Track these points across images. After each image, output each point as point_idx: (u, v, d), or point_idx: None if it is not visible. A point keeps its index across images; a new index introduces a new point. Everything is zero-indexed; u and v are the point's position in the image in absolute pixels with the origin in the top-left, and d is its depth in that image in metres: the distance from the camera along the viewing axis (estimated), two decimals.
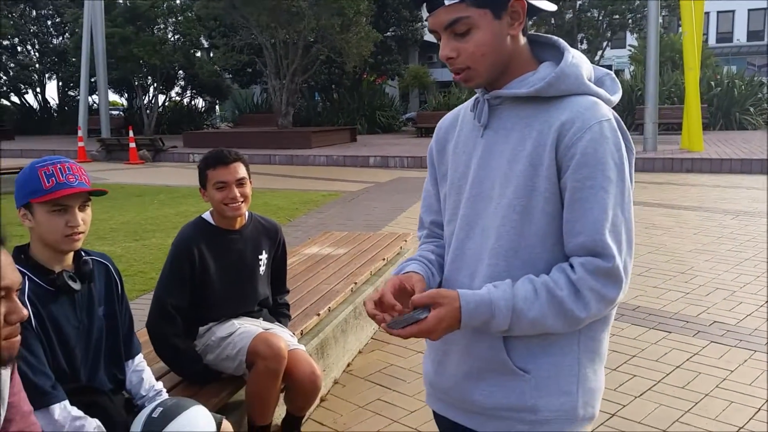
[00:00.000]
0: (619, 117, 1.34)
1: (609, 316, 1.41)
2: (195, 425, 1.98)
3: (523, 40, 1.36)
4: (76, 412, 1.84)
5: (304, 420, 3.01)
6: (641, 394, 3.42)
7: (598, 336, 1.38)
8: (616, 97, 1.38)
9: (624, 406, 3.30)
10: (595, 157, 1.26)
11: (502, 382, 1.35)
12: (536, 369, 1.33)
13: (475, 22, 1.28)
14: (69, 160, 1.94)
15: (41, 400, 1.76)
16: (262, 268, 2.82)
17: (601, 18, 24.32)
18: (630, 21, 24.66)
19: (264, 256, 2.83)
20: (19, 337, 1.33)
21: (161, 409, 1.99)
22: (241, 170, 2.63)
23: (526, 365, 1.34)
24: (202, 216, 2.74)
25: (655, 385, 3.53)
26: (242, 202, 2.62)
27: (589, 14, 24.53)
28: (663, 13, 25.54)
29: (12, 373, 1.50)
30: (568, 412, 1.35)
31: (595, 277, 1.26)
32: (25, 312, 1.33)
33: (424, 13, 1.34)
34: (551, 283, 1.27)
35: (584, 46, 24.93)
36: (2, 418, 1.45)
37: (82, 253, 2.00)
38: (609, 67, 32.75)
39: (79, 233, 1.89)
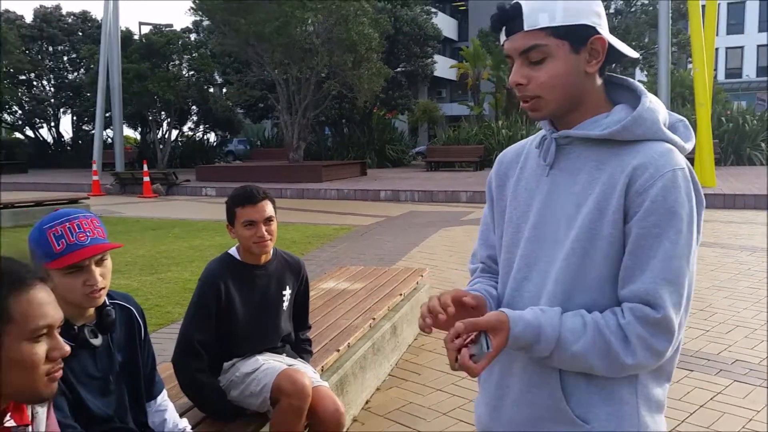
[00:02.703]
0: (691, 167, 1.30)
1: (667, 368, 1.36)
2: None
3: (599, 80, 1.34)
4: None
5: None
6: None
7: (656, 387, 1.35)
8: (690, 145, 1.35)
9: None
10: (665, 206, 1.23)
11: (561, 429, 1.31)
12: (596, 419, 1.30)
13: (551, 51, 1.27)
14: (79, 215, 1.84)
15: None
16: (285, 304, 2.82)
17: None
18: (640, 58, 24.82)
19: (288, 292, 2.83)
20: (60, 374, 1.34)
21: None
22: (269, 208, 2.65)
23: (586, 414, 1.30)
24: (229, 252, 2.75)
25: (679, 425, 3.47)
26: (270, 239, 2.64)
27: None
28: (673, 49, 25.76)
29: (48, 412, 1.51)
30: None
31: (644, 325, 1.23)
32: (67, 348, 1.34)
33: (502, 37, 1.33)
34: (601, 322, 1.25)
35: None
36: None
37: (106, 301, 1.95)
38: None
39: (100, 289, 1.83)
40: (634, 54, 1.38)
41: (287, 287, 2.82)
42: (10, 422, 1.33)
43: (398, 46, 27.43)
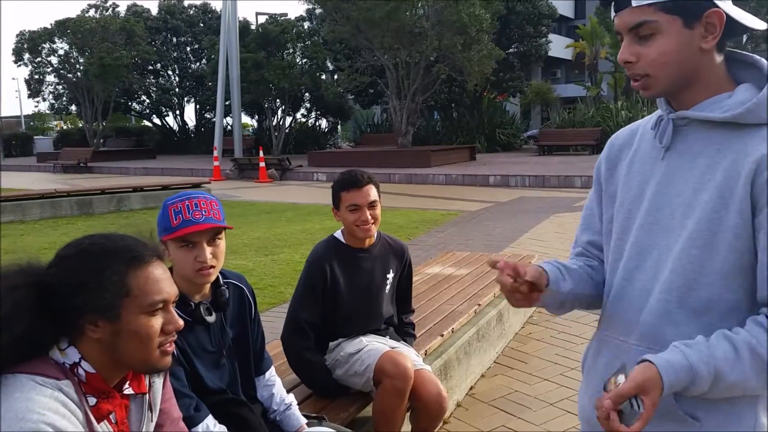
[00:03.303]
0: None
1: None
2: None
3: (719, 57, 1.25)
4: (218, 429, 1.92)
5: None
6: None
7: None
8: None
9: None
10: None
11: (669, 428, 1.24)
12: (707, 416, 1.22)
13: (661, 27, 1.20)
14: (199, 195, 1.95)
15: (186, 423, 1.86)
16: (388, 287, 2.86)
17: None
18: None
19: (391, 275, 2.87)
20: (172, 347, 1.43)
21: None
22: (373, 192, 2.68)
23: (696, 412, 1.23)
24: (334, 235, 2.82)
25: None
26: (373, 223, 2.68)
27: None
28: None
29: (164, 382, 1.61)
30: None
31: None
32: (181, 323, 1.42)
33: (612, 13, 1.28)
34: (753, 341, 1.16)
35: None
36: (154, 423, 1.56)
37: (220, 279, 2.06)
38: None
39: (210, 267, 1.91)
40: (761, 25, 1.26)
41: (391, 271, 2.85)
42: (128, 390, 1.43)
43: (510, 26, 26.82)
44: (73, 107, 33.52)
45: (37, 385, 1.26)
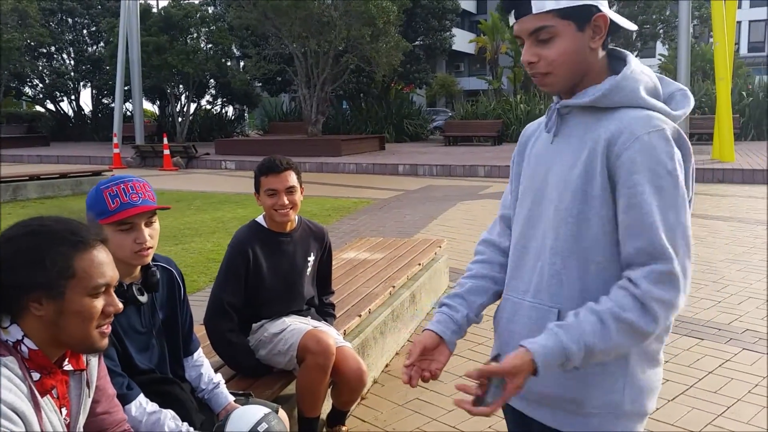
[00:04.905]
0: (679, 128, 1.40)
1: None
2: None
3: (602, 53, 1.44)
4: (151, 407, 1.98)
5: (347, 415, 3.15)
6: (673, 398, 3.50)
7: (654, 342, 1.44)
8: (683, 112, 1.44)
9: (657, 409, 3.38)
10: (645, 166, 1.32)
11: (554, 374, 1.39)
12: (578, 373, 1.40)
13: (558, 31, 1.38)
14: (133, 178, 2.00)
15: (119, 400, 1.88)
16: (309, 269, 2.97)
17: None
18: (661, 31, 24.49)
19: (312, 258, 2.98)
20: (109, 328, 1.49)
21: (266, 426, 2.09)
22: (292, 178, 2.78)
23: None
24: (256, 219, 2.90)
25: (687, 389, 3.60)
26: (291, 208, 2.78)
27: None
28: (694, 23, 25.35)
29: (99, 360, 1.67)
30: (613, 407, 1.42)
31: (658, 285, 1.30)
32: (120, 305, 1.49)
33: (511, 19, 1.45)
34: (616, 309, 1.31)
35: None
36: (91, 399, 1.62)
37: (150, 263, 2.10)
38: None
39: (148, 248, 1.97)
40: (631, 27, 1.48)
41: (311, 254, 2.96)
42: (68, 366, 1.49)
43: (416, 19, 27.26)
44: None
45: None
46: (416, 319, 4.73)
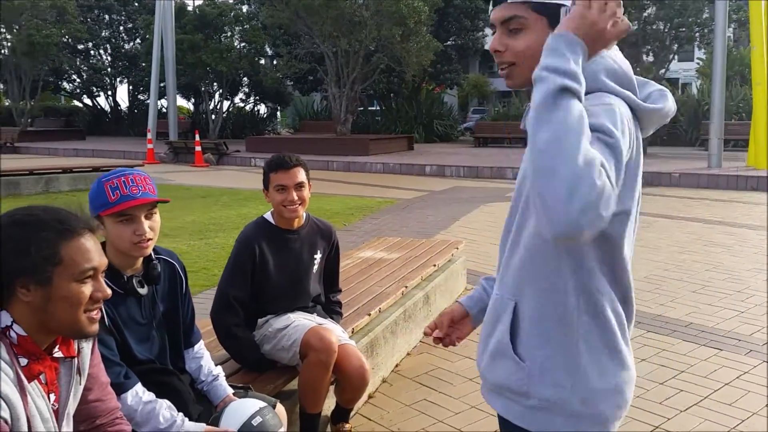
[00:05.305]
0: (629, 110, 1.32)
1: (619, 316, 1.40)
2: None
3: None
4: (147, 396, 2.00)
5: (352, 414, 3.16)
6: (687, 409, 3.44)
7: (605, 335, 1.38)
8: (653, 106, 1.38)
9: (668, 419, 3.33)
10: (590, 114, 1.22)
11: (505, 365, 1.43)
12: (531, 359, 1.39)
13: (529, 24, 1.37)
14: (134, 172, 2.05)
15: (115, 390, 1.89)
16: (315, 267, 2.99)
17: (666, 31, 23.81)
18: (697, 35, 24.04)
19: (318, 256, 2.99)
20: (98, 314, 1.52)
21: (260, 420, 2.11)
22: (301, 175, 2.80)
23: (525, 353, 1.40)
24: (264, 216, 2.93)
25: (701, 400, 3.53)
26: (299, 204, 2.79)
27: (654, 26, 24.05)
28: (732, 27, 24.82)
29: (93, 348, 1.70)
30: (559, 404, 1.37)
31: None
32: (108, 291, 1.52)
33: (490, 8, 1.44)
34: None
35: (650, 59, 24.43)
36: (82, 386, 1.64)
37: (152, 255, 2.14)
38: (675, 80, 31.96)
39: (147, 240, 2.01)
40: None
41: (318, 252, 2.98)
42: (58, 353, 1.52)
43: (449, 18, 27.15)
44: (0, 86, 32.08)
45: None
46: (430, 320, 4.72)
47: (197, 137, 19.14)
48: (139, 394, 2.00)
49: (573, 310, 1.36)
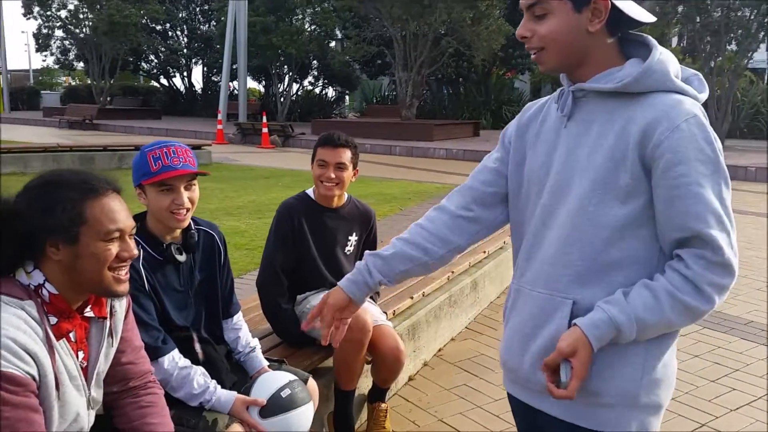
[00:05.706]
0: (703, 111, 1.36)
1: None
2: (298, 425, 2.15)
3: (609, 38, 1.39)
4: (183, 362, 2.07)
5: (391, 394, 3.18)
6: (737, 408, 3.31)
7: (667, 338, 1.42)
8: (704, 96, 1.40)
9: (716, 417, 3.21)
10: (687, 155, 1.29)
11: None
12: (600, 356, 1.37)
13: (553, 8, 1.35)
14: (175, 143, 2.10)
15: (152, 354, 1.97)
16: (348, 248, 3.00)
17: (752, 17, 22.61)
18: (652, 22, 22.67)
19: (354, 238, 3.01)
20: (127, 274, 1.57)
21: (289, 392, 2.15)
22: (345, 156, 2.82)
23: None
24: (306, 191, 2.97)
25: (754, 401, 3.39)
26: (336, 184, 2.82)
27: (740, 13, 22.87)
28: None
29: (127, 312, 1.76)
30: (630, 398, 1.38)
31: (711, 270, 1.30)
32: (135, 252, 1.57)
33: None
34: (670, 287, 1.31)
35: (733, 47, 23.29)
36: (114, 348, 1.71)
37: (191, 225, 2.21)
38: (761, 71, 30.40)
39: (186, 210, 2.08)
40: (649, 18, 1.40)
41: (354, 233, 3.00)
42: (89, 313, 1.59)
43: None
44: (81, 64, 33.46)
45: (2, 304, 1.42)
46: (477, 307, 4.69)
47: (264, 119, 19.49)
48: (175, 359, 2.07)
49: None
